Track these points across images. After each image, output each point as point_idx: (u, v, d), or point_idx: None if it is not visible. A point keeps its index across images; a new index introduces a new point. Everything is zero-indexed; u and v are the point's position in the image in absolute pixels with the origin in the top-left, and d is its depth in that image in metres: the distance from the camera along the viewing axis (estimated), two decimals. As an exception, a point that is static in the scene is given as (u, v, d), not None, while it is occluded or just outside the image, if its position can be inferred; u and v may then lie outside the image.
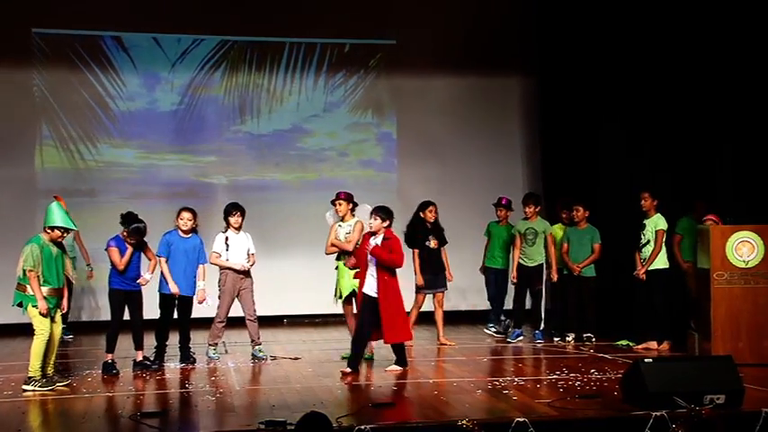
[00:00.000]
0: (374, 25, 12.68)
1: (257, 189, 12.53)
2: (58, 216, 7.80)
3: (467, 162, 12.88)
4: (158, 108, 12.44)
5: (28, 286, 7.65)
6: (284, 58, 12.71)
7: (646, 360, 6.86)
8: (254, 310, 9.26)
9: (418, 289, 10.04)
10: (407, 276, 9.78)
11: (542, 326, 10.35)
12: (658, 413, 6.28)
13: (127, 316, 8.64)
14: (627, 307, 10.34)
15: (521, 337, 10.30)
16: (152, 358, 8.73)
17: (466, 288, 11.88)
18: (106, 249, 8.55)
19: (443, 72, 12.85)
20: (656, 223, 9.65)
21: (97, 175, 12.19)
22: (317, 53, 12.77)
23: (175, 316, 9.04)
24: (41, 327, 7.68)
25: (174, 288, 8.81)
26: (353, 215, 9.35)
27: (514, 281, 10.44)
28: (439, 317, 10.16)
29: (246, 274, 9.25)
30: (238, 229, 9.28)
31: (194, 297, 9.04)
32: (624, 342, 9.92)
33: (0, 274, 8.59)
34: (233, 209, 9.30)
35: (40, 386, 7.63)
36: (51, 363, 7.86)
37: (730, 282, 8.68)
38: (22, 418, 6.80)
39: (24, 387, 7.65)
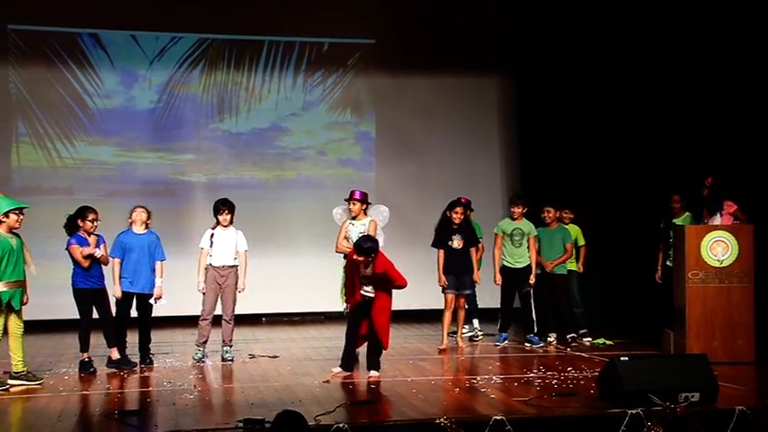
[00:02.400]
0: (353, 25, 12.65)
1: (235, 187, 12.42)
2: (4, 202, 7.67)
3: (445, 161, 12.90)
4: (136, 106, 12.36)
5: None
6: (263, 56, 12.66)
7: (622, 358, 6.90)
8: (232, 311, 9.12)
9: (444, 290, 9.70)
10: (434, 278, 9.78)
11: (536, 329, 9.95)
12: (634, 411, 6.32)
13: (94, 315, 8.55)
14: (603, 305, 10.42)
15: (506, 341, 10.02)
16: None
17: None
18: (67, 249, 8.43)
19: (422, 71, 12.86)
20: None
21: (74, 172, 12.10)
22: (295, 52, 12.74)
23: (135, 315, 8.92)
24: None
25: (117, 291, 8.67)
26: (366, 214, 9.22)
27: (499, 283, 10.00)
28: (461, 318, 9.87)
29: (231, 271, 9.10)
30: (227, 225, 9.15)
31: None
32: (601, 340, 9.98)
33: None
34: (221, 205, 9.17)
35: None
36: (20, 359, 7.75)
37: (705, 281, 8.74)
38: (-3, 416, 6.76)
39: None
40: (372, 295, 8.09)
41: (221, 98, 12.56)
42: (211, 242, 9.08)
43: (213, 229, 9.15)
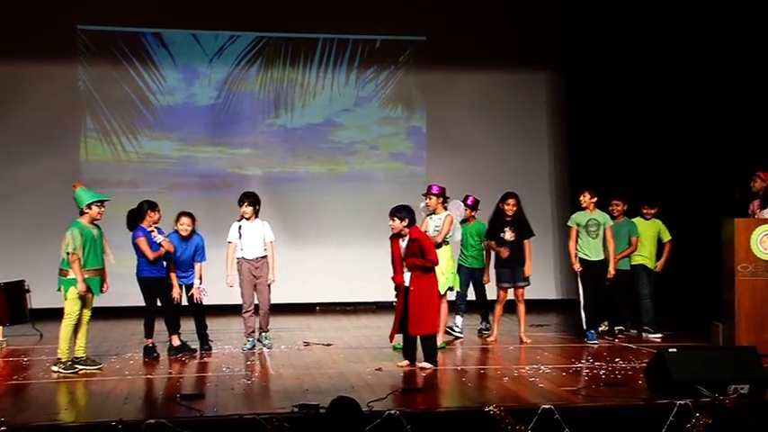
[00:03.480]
0: (404, 22, 12.64)
1: (290, 180, 12.58)
2: (87, 195, 7.90)
3: (494, 156, 12.83)
4: (196, 102, 12.50)
5: (69, 270, 7.71)
6: (317, 53, 12.71)
7: (670, 350, 6.80)
8: (268, 301, 9.11)
9: (497, 283, 9.50)
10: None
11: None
12: (682, 402, 6.23)
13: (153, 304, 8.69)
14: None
15: (595, 340, 9.29)
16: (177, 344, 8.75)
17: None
18: (133, 242, 8.59)
19: (472, 68, 12.79)
20: None
21: (138, 166, 12.30)
22: (348, 49, 12.76)
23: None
24: (71, 310, 7.76)
25: (176, 292, 8.79)
26: (445, 208, 9.09)
27: (578, 269, 9.41)
28: (521, 313, 9.46)
29: (263, 262, 9.06)
30: (250, 218, 9.07)
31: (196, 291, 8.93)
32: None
33: (50, 261, 8.66)
34: (243, 198, 9.12)
35: (64, 368, 7.71)
36: (83, 345, 7.93)
37: (755, 274, 8.58)
38: (68, 397, 6.90)
39: (53, 368, 7.78)
40: (408, 284, 7.87)
41: (277, 94, 12.65)
42: (240, 235, 9.05)
43: (239, 221, 9.12)
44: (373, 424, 5.87)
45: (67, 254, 7.68)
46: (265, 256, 9.09)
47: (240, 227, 9.08)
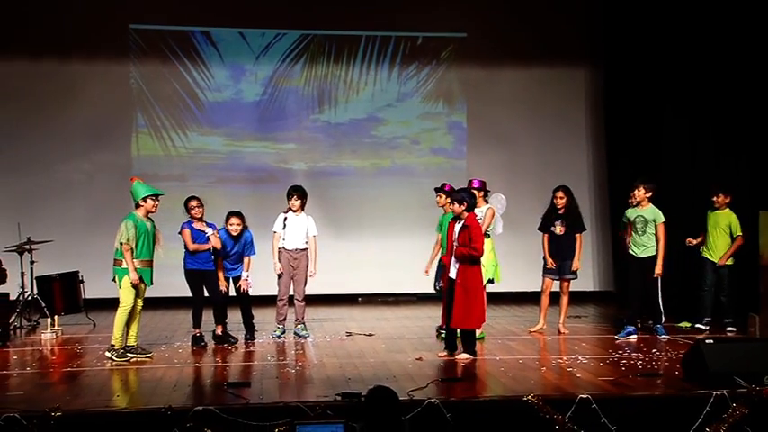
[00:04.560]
0: (445, 19, 12.62)
1: (334, 174, 12.63)
2: (143, 188, 8.03)
3: (533, 150, 12.76)
4: (243, 98, 12.60)
5: (123, 260, 7.84)
6: (360, 50, 12.73)
7: (707, 341, 6.73)
8: (303, 292, 9.17)
9: (543, 273, 9.44)
10: (537, 261, 9.64)
11: (663, 319, 9.10)
12: (719, 392, 6.17)
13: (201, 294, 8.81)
14: (688, 290, 10.12)
15: (633, 336, 8.95)
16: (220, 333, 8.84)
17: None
18: (180, 232, 8.74)
19: (512, 63, 12.74)
20: None
21: (187, 161, 12.45)
22: (391, 46, 12.76)
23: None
24: (126, 299, 7.88)
25: (222, 285, 8.90)
26: (486, 201, 9.09)
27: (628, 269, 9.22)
28: (563, 304, 9.41)
29: (302, 254, 9.14)
30: (297, 210, 9.16)
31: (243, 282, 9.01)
32: (686, 324, 9.72)
33: (102, 253, 8.82)
34: (292, 191, 9.24)
35: (116, 356, 7.83)
36: (135, 334, 8.05)
37: (791, 266, 8.43)
38: (120, 384, 7.03)
39: (107, 353, 7.92)
40: (455, 277, 7.86)
41: (321, 90, 12.70)
42: (284, 226, 9.16)
43: (286, 213, 9.23)
44: (414, 412, 5.90)
45: (121, 244, 7.81)
46: (305, 249, 9.16)
47: (286, 218, 9.18)
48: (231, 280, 9.04)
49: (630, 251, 9.20)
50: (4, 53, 11.88)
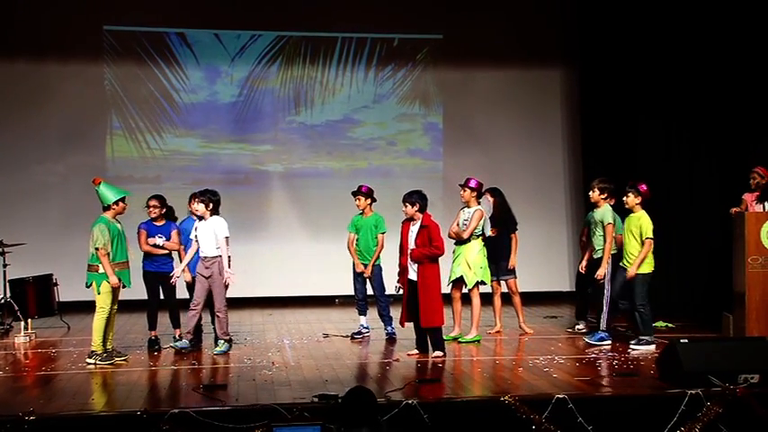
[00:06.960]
0: (421, 21, 12.63)
1: (310, 176, 12.59)
2: (112, 191, 7.95)
3: (510, 151, 12.80)
4: (219, 100, 12.54)
5: (99, 265, 7.76)
6: (336, 52, 12.71)
7: (682, 340, 6.76)
8: (222, 304, 8.26)
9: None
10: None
11: (604, 325, 8.61)
12: (693, 391, 6.21)
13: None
14: (663, 289, 10.19)
15: (606, 342, 8.59)
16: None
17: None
18: (137, 232, 8.70)
19: (488, 64, 12.78)
20: None
21: (162, 162, 12.35)
22: (367, 47, 12.75)
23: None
24: (104, 304, 7.81)
25: (187, 276, 8.68)
26: (478, 202, 9.01)
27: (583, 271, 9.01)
28: (516, 304, 9.42)
29: (214, 262, 8.26)
30: (200, 217, 8.37)
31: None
32: (662, 323, 9.77)
33: (77, 255, 8.73)
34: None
35: (101, 360, 7.77)
36: (110, 338, 7.99)
37: (765, 266, 8.51)
38: (94, 388, 6.95)
39: (87, 360, 7.83)
40: (415, 278, 7.90)
41: (297, 92, 12.66)
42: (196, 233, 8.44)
43: (198, 220, 8.50)
44: (392, 413, 5.88)
45: (96, 249, 7.73)
46: (218, 257, 8.29)
47: (196, 228, 8.44)
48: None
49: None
50: (-24, 54, 11.76)
